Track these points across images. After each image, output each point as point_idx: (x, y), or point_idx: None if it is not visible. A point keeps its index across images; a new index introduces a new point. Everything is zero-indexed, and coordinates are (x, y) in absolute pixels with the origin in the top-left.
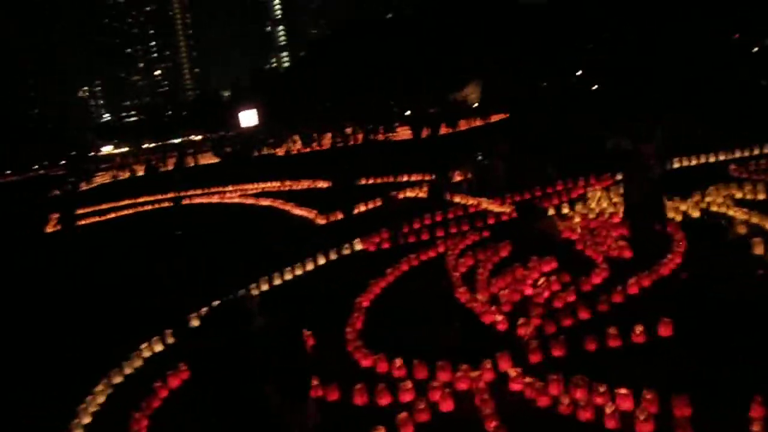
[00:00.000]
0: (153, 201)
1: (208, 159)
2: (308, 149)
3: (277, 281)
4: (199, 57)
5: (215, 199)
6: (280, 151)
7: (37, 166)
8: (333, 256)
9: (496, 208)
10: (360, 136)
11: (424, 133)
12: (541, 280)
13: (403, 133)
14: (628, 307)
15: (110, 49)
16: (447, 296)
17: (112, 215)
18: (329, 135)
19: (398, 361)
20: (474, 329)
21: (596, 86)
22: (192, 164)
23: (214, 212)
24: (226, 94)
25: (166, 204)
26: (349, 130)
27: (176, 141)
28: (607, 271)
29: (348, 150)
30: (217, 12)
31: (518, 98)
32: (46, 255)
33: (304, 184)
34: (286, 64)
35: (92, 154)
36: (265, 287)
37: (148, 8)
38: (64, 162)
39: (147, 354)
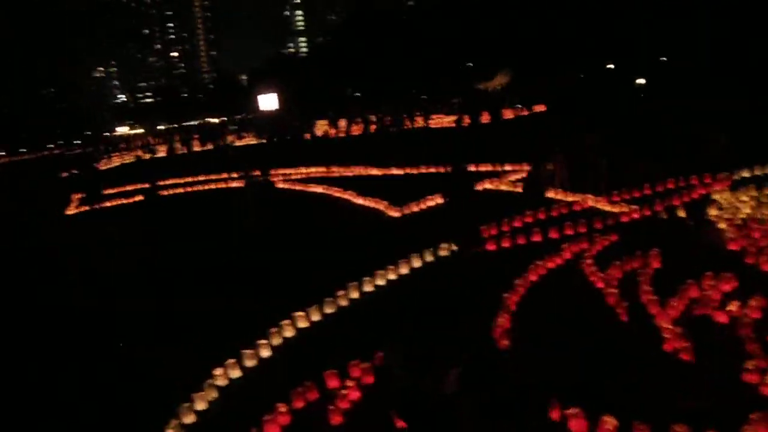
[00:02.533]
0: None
1: (237, 141)
2: (344, 134)
3: (368, 287)
4: (215, 39)
5: None
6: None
7: (52, 145)
8: (429, 258)
9: (606, 206)
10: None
11: (485, 119)
12: (732, 305)
13: (440, 121)
14: None
15: (127, 30)
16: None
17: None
18: (358, 120)
19: (609, 421)
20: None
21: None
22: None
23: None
24: (243, 77)
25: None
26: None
27: (193, 123)
28: None
29: (401, 135)
30: None
31: (558, 89)
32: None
33: (356, 171)
34: (304, 50)
35: (107, 134)
36: (354, 294)
37: None
38: (80, 141)
39: (221, 383)
